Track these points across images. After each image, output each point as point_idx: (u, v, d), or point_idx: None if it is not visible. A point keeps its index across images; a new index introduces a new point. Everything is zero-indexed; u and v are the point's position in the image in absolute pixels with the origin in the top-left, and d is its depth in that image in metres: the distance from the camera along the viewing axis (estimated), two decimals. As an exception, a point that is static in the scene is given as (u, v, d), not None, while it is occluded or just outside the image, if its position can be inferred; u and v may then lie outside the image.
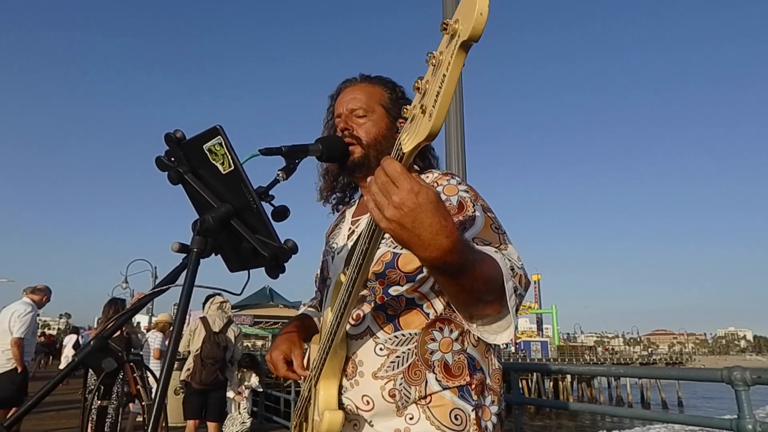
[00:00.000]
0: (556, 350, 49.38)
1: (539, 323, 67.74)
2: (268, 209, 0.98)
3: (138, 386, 5.30)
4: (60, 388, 0.91)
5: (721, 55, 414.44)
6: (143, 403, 5.43)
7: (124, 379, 5.19)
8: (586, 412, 27.58)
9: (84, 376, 5.52)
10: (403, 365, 1.08)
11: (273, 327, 22.89)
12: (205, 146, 0.93)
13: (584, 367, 10.06)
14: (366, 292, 1.15)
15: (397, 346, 1.09)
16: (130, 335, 5.55)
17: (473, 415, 1.05)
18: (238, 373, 6.67)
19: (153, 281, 19.18)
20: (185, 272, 0.89)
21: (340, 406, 1.10)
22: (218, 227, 0.93)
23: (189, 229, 0.95)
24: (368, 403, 1.08)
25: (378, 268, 1.13)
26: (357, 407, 1.09)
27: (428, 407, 1.05)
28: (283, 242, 0.93)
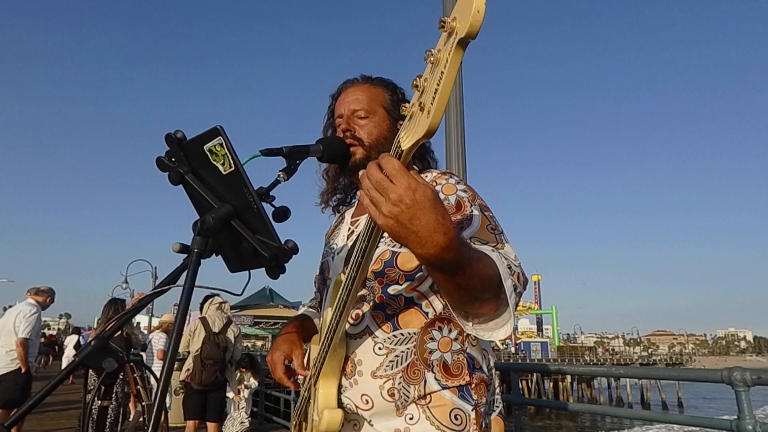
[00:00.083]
0: (556, 351, 49.33)
1: (539, 324, 67.70)
2: (269, 210, 0.98)
3: (138, 386, 5.30)
4: (60, 388, 0.91)
5: (721, 55, 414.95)
6: (143, 403, 5.43)
7: (124, 379, 5.20)
8: (586, 412, 27.54)
9: (84, 376, 5.52)
10: (402, 364, 1.08)
11: (273, 327, 22.89)
12: (205, 147, 0.93)
13: (584, 368, 10.01)
14: (365, 291, 1.15)
15: (396, 345, 1.09)
16: (129, 335, 5.56)
17: (473, 414, 1.05)
18: (237, 373, 6.67)
19: (153, 281, 19.16)
20: (186, 273, 0.90)
21: (339, 406, 1.10)
22: (218, 228, 0.93)
23: (189, 229, 0.95)
24: (367, 402, 1.08)
25: (377, 266, 1.13)
26: (356, 406, 1.09)
27: (428, 407, 1.05)
28: (283, 243, 0.93)
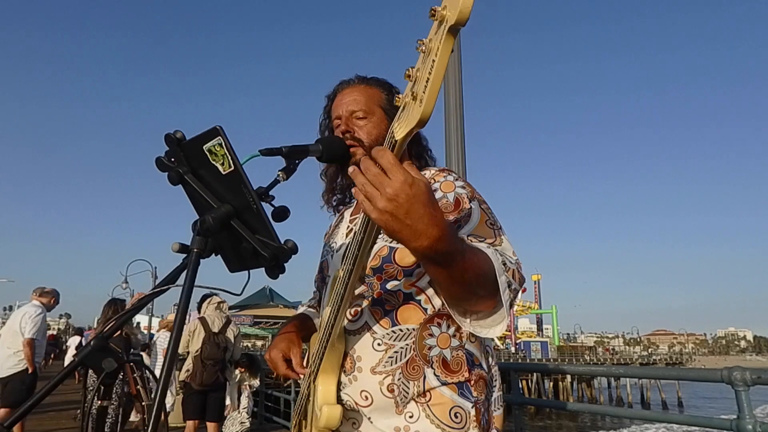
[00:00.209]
0: (556, 350, 49.34)
1: (539, 323, 67.69)
2: (268, 210, 0.98)
3: (138, 386, 5.31)
4: (60, 388, 0.91)
5: (722, 54, 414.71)
6: (143, 403, 5.43)
7: (124, 379, 5.20)
8: (586, 412, 27.54)
9: (84, 376, 5.53)
10: (401, 360, 1.08)
11: (273, 327, 22.87)
12: (205, 147, 0.93)
13: (584, 368, 10.03)
14: (363, 287, 1.15)
15: (395, 341, 1.09)
16: (129, 335, 5.56)
17: (473, 412, 1.05)
18: (237, 373, 6.67)
19: (153, 281, 19.15)
20: (185, 272, 0.89)
21: (338, 402, 1.10)
22: (218, 227, 0.93)
23: (189, 229, 0.95)
24: (367, 398, 1.08)
25: (375, 262, 1.14)
26: (356, 403, 1.09)
27: (428, 405, 1.05)
28: (283, 242, 0.93)
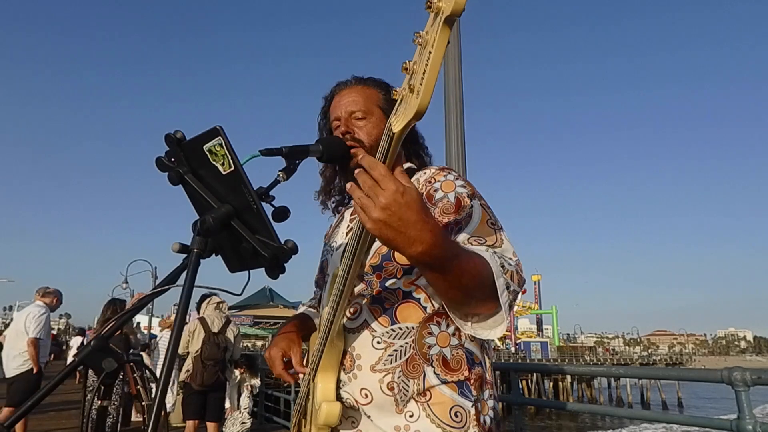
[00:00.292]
0: (556, 351, 49.34)
1: (539, 324, 67.67)
2: (269, 210, 0.98)
3: (138, 386, 5.31)
4: (60, 388, 0.92)
5: (722, 54, 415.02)
6: (143, 403, 5.44)
7: (124, 379, 5.20)
8: (586, 412, 27.57)
9: (84, 376, 5.54)
10: (401, 359, 1.08)
11: (273, 327, 22.86)
12: (205, 147, 0.93)
13: (584, 368, 10.01)
14: (363, 285, 1.15)
15: (394, 339, 1.09)
16: (128, 335, 5.57)
17: (473, 411, 1.06)
18: (237, 374, 6.67)
19: (153, 281, 19.13)
20: (185, 272, 0.90)
21: (338, 400, 1.10)
22: (218, 227, 0.93)
23: (189, 229, 0.95)
24: (366, 396, 1.08)
25: (375, 260, 1.14)
26: (356, 401, 1.09)
27: (428, 404, 1.05)
28: (283, 243, 0.93)
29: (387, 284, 1.13)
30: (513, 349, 44.13)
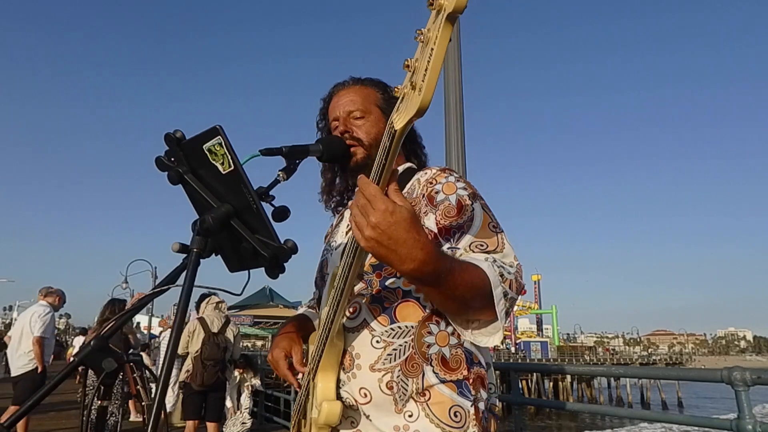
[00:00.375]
0: (556, 350, 49.37)
1: (539, 323, 67.67)
2: (269, 209, 0.98)
3: (138, 386, 5.30)
4: (60, 388, 0.91)
5: (722, 54, 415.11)
6: (143, 403, 5.43)
7: (124, 379, 5.20)
8: (586, 412, 27.56)
9: (84, 376, 5.54)
10: (400, 358, 1.08)
11: (273, 327, 22.84)
12: (205, 146, 0.93)
13: (584, 368, 10.04)
14: (363, 284, 1.15)
15: (393, 338, 1.09)
16: (127, 335, 5.56)
17: (472, 410, 1.06)
18: (237, 374, 6.67)
19: (153, 281, 19.15)
20: (185, 272, 0.90)
21: (338, 399, 1.10)
22: (218, 227, 0.93)
23: (189, 229, 0.95)
24: (366, 395, 1.08)
25: (374, 260, 1.14)
26: (355, 400, 1.09)
27: (427, 404, 1.05)
28: (283, 242, 0.93)
29: (387, 283, 1.13)
30: (513, 349, 44.15)
